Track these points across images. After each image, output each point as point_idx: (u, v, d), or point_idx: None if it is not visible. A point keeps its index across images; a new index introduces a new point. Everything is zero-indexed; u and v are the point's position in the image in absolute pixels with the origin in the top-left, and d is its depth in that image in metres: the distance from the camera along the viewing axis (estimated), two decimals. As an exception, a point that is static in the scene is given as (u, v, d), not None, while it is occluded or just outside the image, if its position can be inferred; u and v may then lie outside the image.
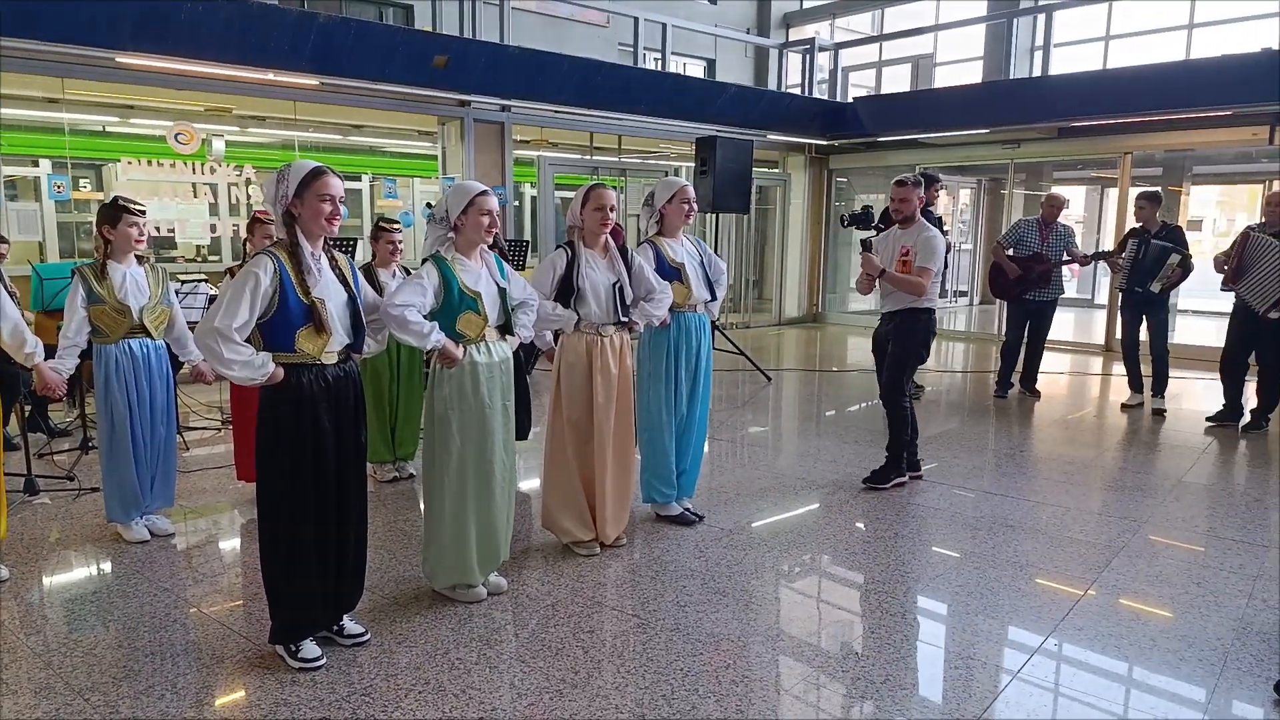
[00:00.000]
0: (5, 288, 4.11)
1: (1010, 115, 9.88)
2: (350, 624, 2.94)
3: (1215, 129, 9.00)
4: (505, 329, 3.22)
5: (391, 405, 4.80)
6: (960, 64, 13.39)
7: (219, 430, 6.00)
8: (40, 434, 5.51)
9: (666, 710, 2.52)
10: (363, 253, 7.14)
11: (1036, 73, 11.83)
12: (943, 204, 14.29)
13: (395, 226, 4.64)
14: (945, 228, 6.99)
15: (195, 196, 7.87)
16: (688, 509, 4.19)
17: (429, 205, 4.26)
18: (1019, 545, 3.88)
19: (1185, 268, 6.28)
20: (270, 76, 7.19)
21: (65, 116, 7.29)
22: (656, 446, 4.06)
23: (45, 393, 3.64)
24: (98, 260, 3.70)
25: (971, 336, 11.52)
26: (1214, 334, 10.80)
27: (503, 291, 3.18)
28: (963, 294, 14.94)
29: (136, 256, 3.78)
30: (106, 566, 3.62)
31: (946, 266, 7.31)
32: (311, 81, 7.41)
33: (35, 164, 7.79)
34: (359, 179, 9.84)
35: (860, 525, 4.17)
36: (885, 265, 4.62)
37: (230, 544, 3.99)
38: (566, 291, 3.57)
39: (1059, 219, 7.02)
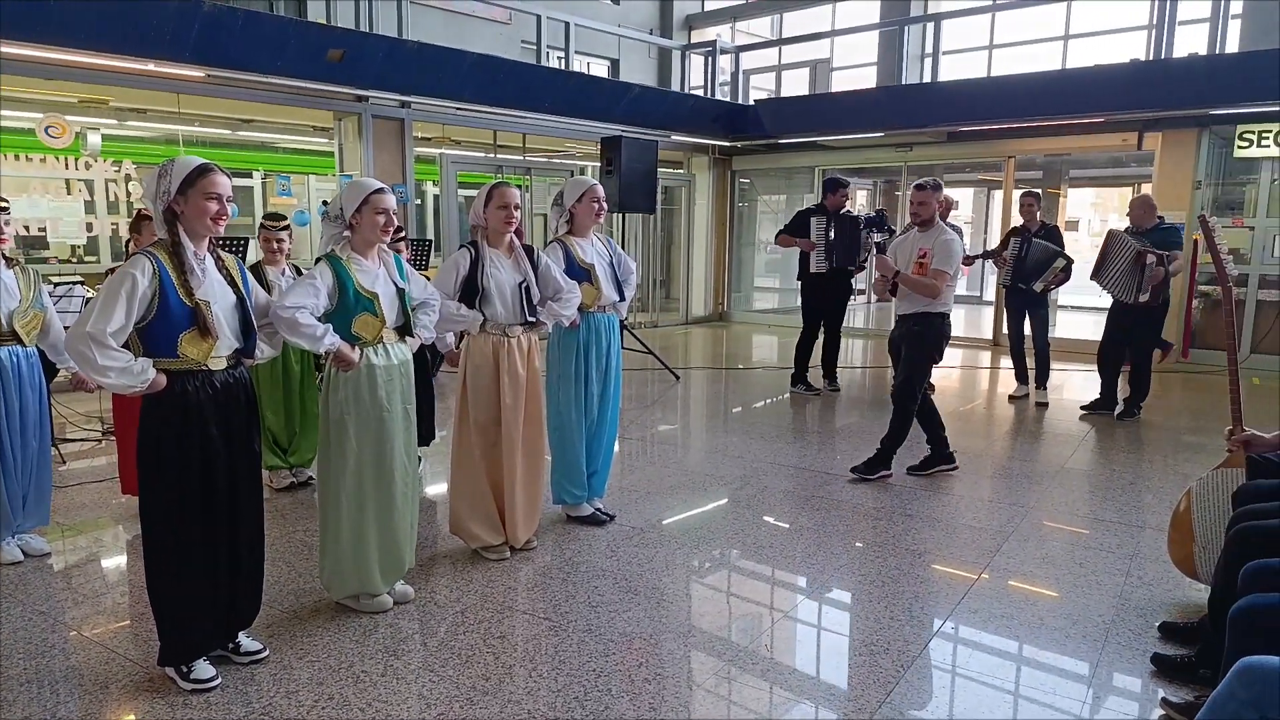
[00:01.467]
0: None
1: (902, 119, 10.24)
2: (246, 641, 2.82)
3: (1089, 134, 9.57)
4: (405, 330, 3.14)
5: (287, 410, 4.62)
6: (855, 69, 13.82)
7: (99, 441, 5.65)
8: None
9: (580, 712, 2.50)
10: (254, 253, 6.86)
11: (927, 78, 12.32)
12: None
13: (278, 225, 4.46)
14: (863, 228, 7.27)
15: (69, 193, 7.40)
16: (599, 509, 4.19)
17: (325, 203, 4.11)
18: (917, 533, 4.03)
19: (1067, 272, 6.67)
20: (150, 67, 6.80)
21: (-82, 106, 6.74)
22: (567, 447, 4.04)
23: None
24: (-42, 262, 3.43)
25: (870, 334, 11.91)
26: (1092, 328, 11.50)
27: (401, 292, 3.10)
28: (862, 292, 15.43)
29: (4, 258, 3.51)
30: (-27, 591, 3.36)
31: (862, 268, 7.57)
32: (196, 73, 7.05)
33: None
34: (249, 176, 9.44)
35: (768, 519, 4.25)
36: (901, 267, 4.69)
37: (114, 562, 3.76)
38: (471, 292, 3.51)
39: (948, 219, 7.32)
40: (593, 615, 3.15)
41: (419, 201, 10.35)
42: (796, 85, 14.51)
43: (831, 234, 7.16)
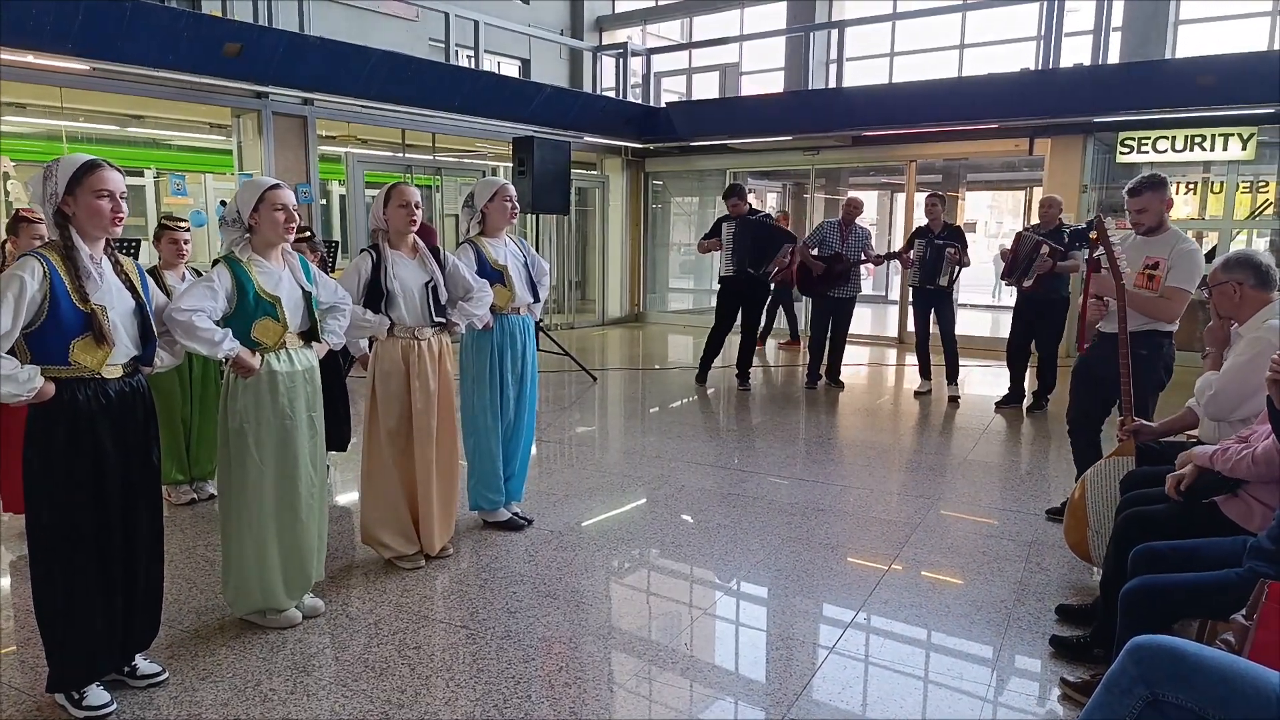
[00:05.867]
0: None
1: (809, 124, 10.50)
2: (144, 663, 2.67)
3: (985, 140, 10.01)
4: (311, 335, 3.03)
5: (185, 421, 4.41)
6: (764, 74, 14.09)
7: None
8: None
9: (499, 719, 2.47)
10: (147, 255, 6.53)
11: (833, 84, 12.66)
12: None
13: (180, 225, 4.26)
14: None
15: (-62, 192, 6.89)
16: (516, 513, 4.14)
17: (223, 203, 3.94)
18: (830, 527, 4.13)
19: (961, 258, 6.97)
20: (30, 59, 6.39)
21: None
22: (482, 452, 3.98)
23: None
24: None
25: (778, 331, 12.15)
26: (989, 325, 12.02)
27: (308, 295, 2.99)
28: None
29: None
30: None
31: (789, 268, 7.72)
32: (80, 66, 6.66)
33: None
34: (141, 175, 8.97)
35: (686, 518, 4.28)
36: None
37: (-6, 586, 3.52)
38: (376, 295, 3.42)
39: (857, 221, 7.56)
40: (511, 621, 3.11)
41: (324, 202, 10.04)
42: (707, 88, 14.69)
43: (737, 239, 7.35)
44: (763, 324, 8.59)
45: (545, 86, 10.68)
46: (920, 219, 7.40)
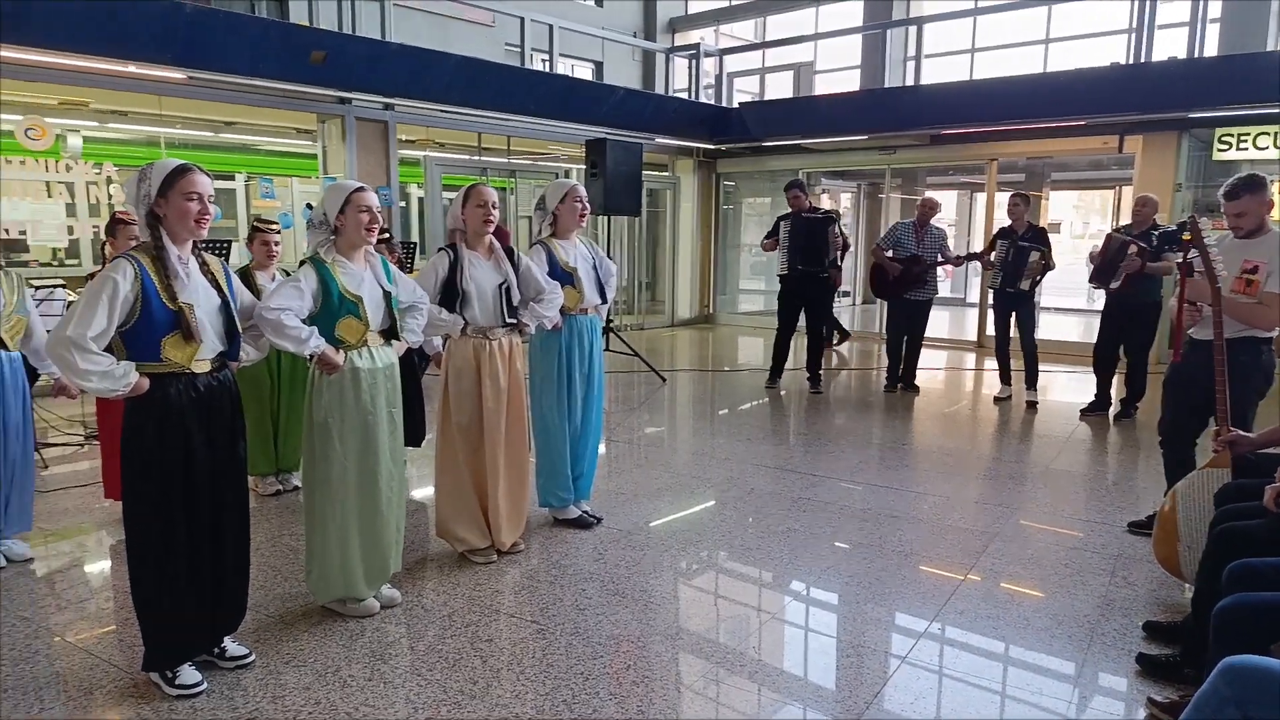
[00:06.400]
0: None
1: (886, 122, 10.30)
2: (232, 645, 2.79)
3: (1071, 137, 9.66)
4: (390, 334, 3.12)
5: (273, 415, 4.59)
6: (839, 72, 13.90)
7: (82, 446, 5.59)
8: None
9: (567, 715, 2.50)
10: (238, 256, 6.81)
11: (910, 82, 12.41)
12: (826, 206, 14.79)
13: (272, 226, 4.44)
14: (845, 224, 7.37)
15: (50, 196, 7.31)
16: (585, 512, 4.18)
17: (309, 206, 4.09)
18: (904, 534, 4.05)
19: (1046, 262, 6.71)
20: (132, 69, 6.74)
21: (-106, 108, 6.64)
22: (552, 450, 4.03)
23: None
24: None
25: (855, 335, 11.95)
26: (1076, 330, 11.61)
27: (388, 295, 3.08)
28: (846, 294, 15.52)
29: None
30: (-48, 599, 3.32)
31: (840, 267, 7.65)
32: (177, 75, 7.00)
33: None
34: (232, 179, 9.36)
35: (755, 521, 4.25)
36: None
37: (98, 567, 3.72)
38: (451, 295, 3.50)
39: (932, 221, 7.40)
40: (580, 618, 3.14)
41: (403, 204, 10.30)
42: (780, 88, 14.57)
43: (792, 236, 7.32)
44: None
45: (618, 89, 10.75)
46: (1002, 219, 7.18)
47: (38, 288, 4.74)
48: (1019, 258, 6.74)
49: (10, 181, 7.06)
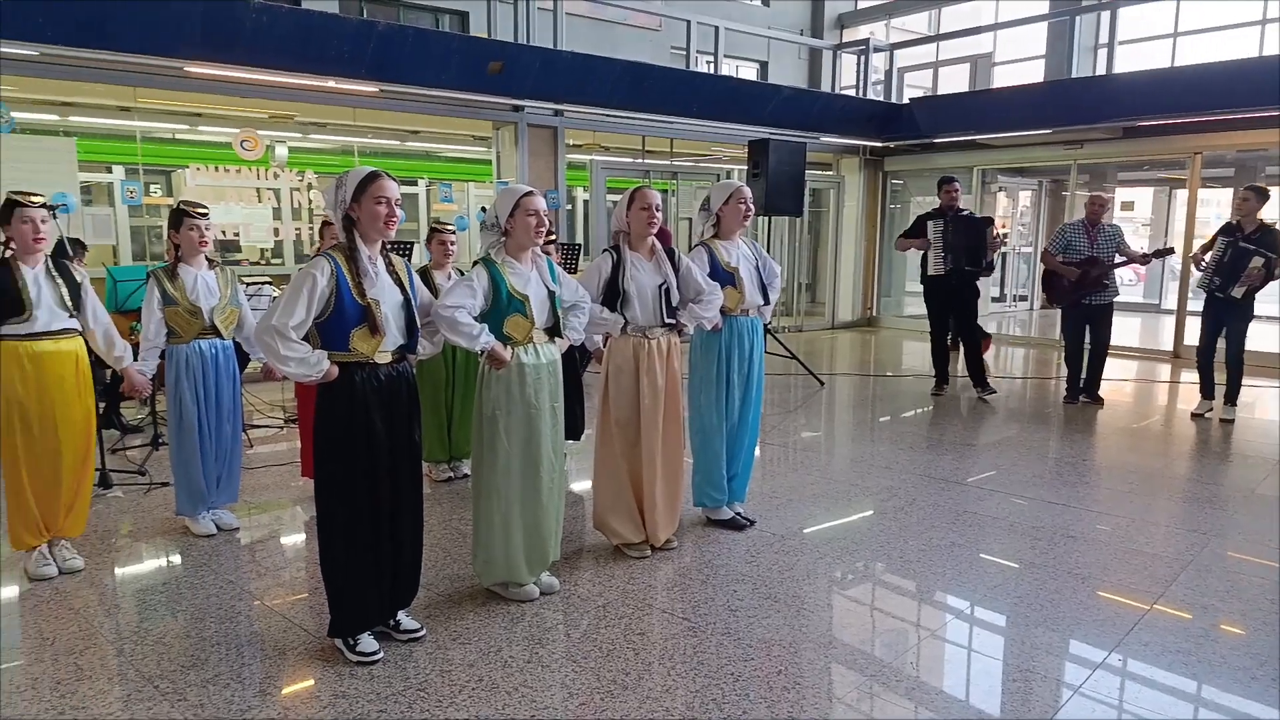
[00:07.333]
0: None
1: (1073, 115, 9.63)
2: (406, 619, 3.00)
3: (1291, 128, 8.66)
4: (554, 331, 3.25)
5: (447, 406, 4.87)
6: (1020, 63, 13.11)
7: (282, 428, 6.16)
8: (114, 430, 5.73)
9: (717, 714, 2.51)
10: (419, 256, 7.27)
11: (1100, 71, 11.53)
12: (1002, 206, 14.02)
13: (448, 228, 4.72)
14: (1002, 229, 6.97)
15: (259, 201, 8.11)
16: (739, 513, 4.18)
17: (483, 209, 4.35)
18: (1080, 556, 3.78)
19: (1269, 270, 6.01)
20: (331, 84, 7.36)
21: (137, 124, 7.56)
22: (708, 450, 4.06)
23: (132, 394, 3.80)
24: (169, 264, 3.85)
25: (1032, 341, 11.26)
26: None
27: (552, 295, 3.21)
28: (1023, 299, 14.63)
29: (207, 259, 3.90)
30: (175, 559, 3.75)
31: (1000, 269, 7.27)
32: (371, 88, 7.57)
33: (109, 170, 8.10)
34: (415, 183, 10.01)
35: (916, 533, 4.10)
36: None
37: (292, 539, 4.09)
38: (613, 295, 3.59)
39: (1103, 219, 6.86)
40: (731, 619, 3.15)
41: (569, 207, 10.65)
42: (954, 82, 13.92)
43: (949, 235, 7.01)
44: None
45: (783, 88, 10.64)
46: (1204, 219, 6.51)
47: (248, 284, 5.27)
48: (1237, 261, 6.06)
49: (227, 188, 7.88)
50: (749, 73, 13.94)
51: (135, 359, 3.75)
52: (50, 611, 3.19)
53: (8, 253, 3.35)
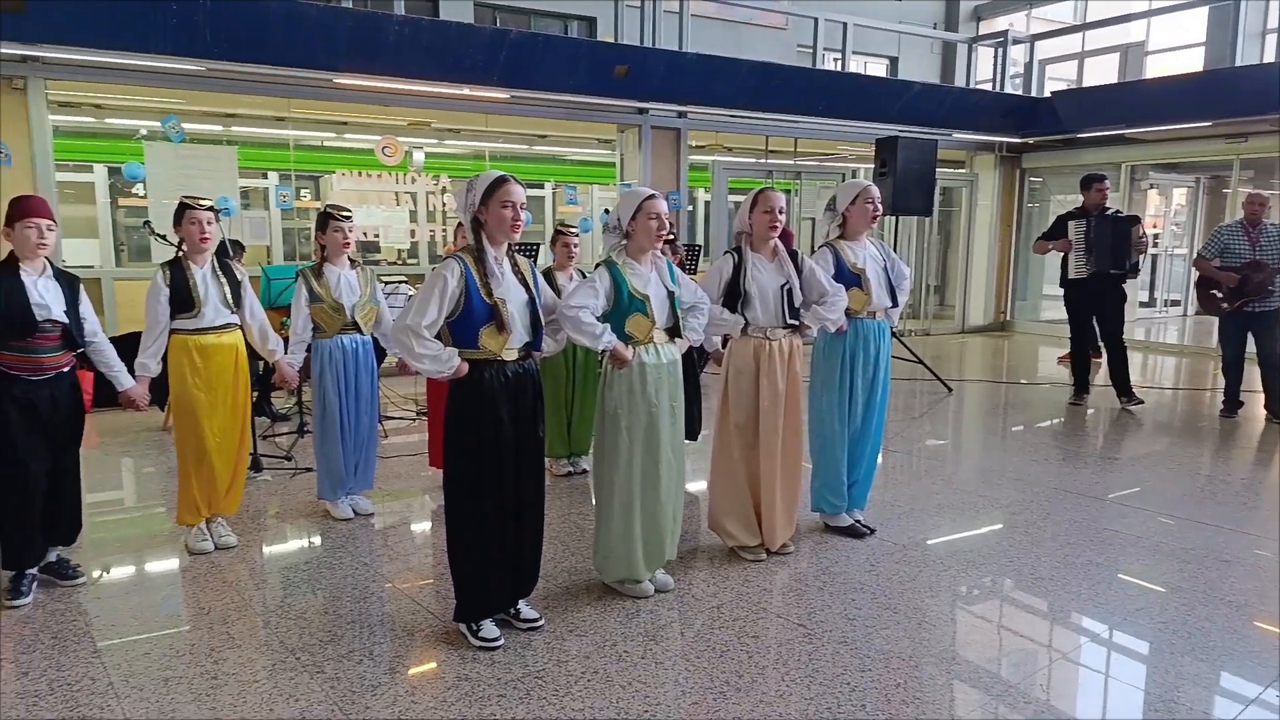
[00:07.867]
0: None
1: (1236, 106, 8.90)
2: (526, 609, 3.09)
3: None
4: (674, 332, 3.27)
5: (568, 403, 4.98)
6: (1177, 51, 12.22)
7: (414, 420, 6.46)
8: (264, 418, 6.16)
9: (832, 723, 2.47)
10: (544, 257, 7.48)
11: (1270, 59, 10.60)
12: (1153, 204, 13.11)
13: (571, 230, 4.83)
14: (1153, 230, 6.53)
15: (397, 204, 8.54)
16: (858, 521, 4.08)
17: (607, 211, 4.46)
18: (1235, 582, 3.50)
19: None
20: (466, 91, 7.67)
21: (290, 133, 8.11)
22: (828, 455, 3.99)
23: (282, 384, 4.10)
24: (316, 263, 4.11)
25: (1186, 350, 10.48)
26: None
27: (672, 295, 3.23)
28: (1175, 304, 13.64)
29: (349, 259, 4.15)
30: (316, 539, 4.00)
31: (1150, 272, 6.83)
32: (502, 95, 7.84)
33: (264, 176, 8.73)
34: (542, 187, 10.28)
35: (1050, 549, 3.90)
36: None
37: (421, 526, 4.29)
38: (734, 296, 3.58)
39: (1264, 219, 6.29)
40: (848, 628, 3.09)
41: (691, 208, 10.68)
42: (1101, 73, 13.11)
43: (1091, 236, 6.61)
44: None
45: (913, 84, 10.31)
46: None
47: (386, 283, 5.56)
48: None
49: (369, 192, 8.34)
50: (878, 69, 13.57)
51: (285, 352, 4.03)
52: (207, 583, 3.47)
53: (180, 253, 3.66)
